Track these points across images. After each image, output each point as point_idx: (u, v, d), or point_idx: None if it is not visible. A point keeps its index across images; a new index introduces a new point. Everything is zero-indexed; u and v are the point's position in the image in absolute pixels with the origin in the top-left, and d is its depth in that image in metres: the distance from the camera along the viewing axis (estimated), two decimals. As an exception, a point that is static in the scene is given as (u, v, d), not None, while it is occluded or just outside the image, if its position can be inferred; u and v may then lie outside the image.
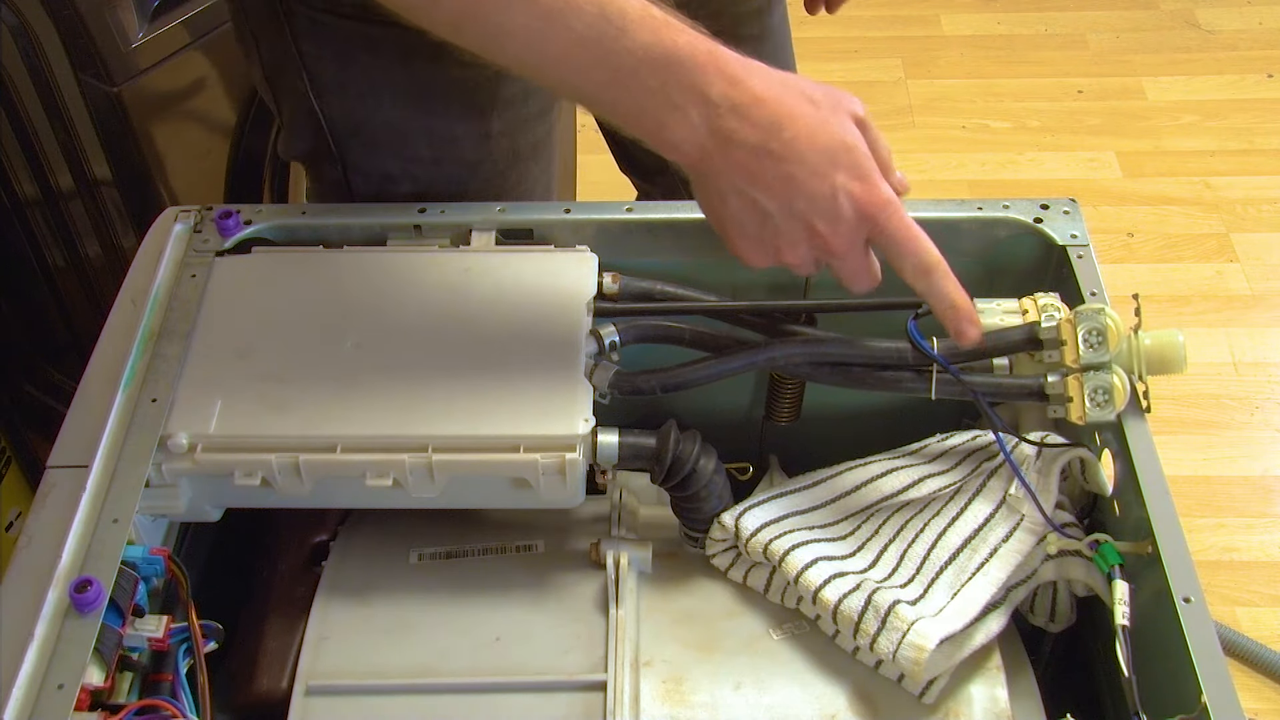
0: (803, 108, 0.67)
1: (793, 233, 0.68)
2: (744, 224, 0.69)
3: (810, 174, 0.67)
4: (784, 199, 0.67)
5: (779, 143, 0.66)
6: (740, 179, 0.67)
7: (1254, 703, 1.44)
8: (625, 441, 0.75)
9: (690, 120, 0.66)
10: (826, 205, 0.67)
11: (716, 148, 0.67)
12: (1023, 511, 0.73)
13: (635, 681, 0.73)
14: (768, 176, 0.67)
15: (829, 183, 0.67)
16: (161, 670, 0.70)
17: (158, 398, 0.75)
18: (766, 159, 0.66)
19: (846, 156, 0.67)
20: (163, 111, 1.28)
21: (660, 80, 0.66)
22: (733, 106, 0.66)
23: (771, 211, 0.68)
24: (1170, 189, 2.11)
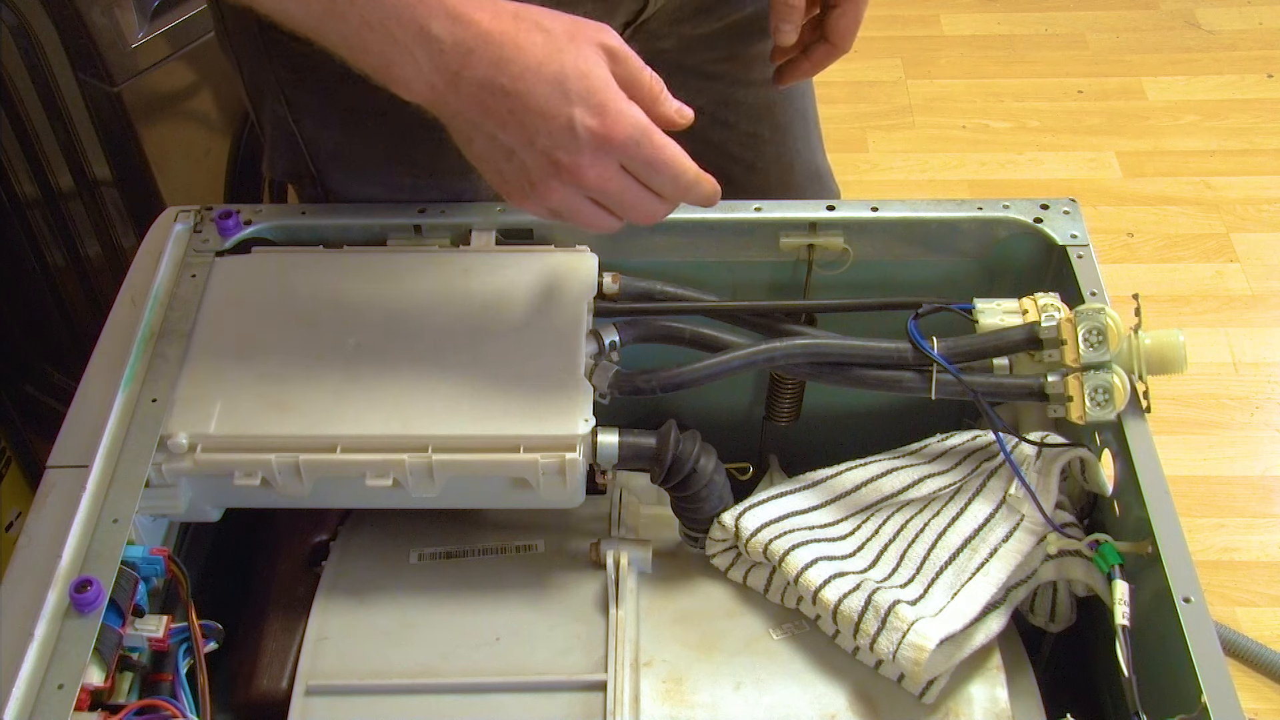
0: (532, 38, 0.65)
1: (540, 169, 0.66)
2: (494, 163, 0.68)
3: (543, 107, 0.65)
4: (523, 135, 0.65)
5: (507, 77, 0.64)
6: (476, 116, 0.66)
7: (1254, 703, 1.44)
8: (625, 441, 0.75)
9: (415, 58, 0.64)
10: (565, 138, 0.65)
11: (447, 86, 0.65)
12: (1023, 511, 0.73)
13: (635, 681, 0.73)
14: (501, 112, 0.65)
15: (564, 115, 0.65)
16: (161, 670, 0.70)
17: (158, 398, 0.75)
18: (498, 95, 0.64)
19: (579, 84, 0.65)
20: (163, 111, 1.28)
21: (380, 15, 0.64)
22: (457, 42, 0.64)
23: (514, 148, 0.66)
24: (1170, 189, 2.11)
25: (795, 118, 1.06)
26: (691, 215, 0.87)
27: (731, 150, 1.04)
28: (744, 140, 1.04)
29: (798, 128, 1.07)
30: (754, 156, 1.05)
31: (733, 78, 1.00)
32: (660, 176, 0.68)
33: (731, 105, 1.02)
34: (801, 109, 1.07)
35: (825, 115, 1.13)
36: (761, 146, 1.05)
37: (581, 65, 0.66)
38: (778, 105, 1.04)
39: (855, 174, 2.12)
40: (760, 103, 1.03)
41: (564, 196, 0.68)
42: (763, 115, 1.03)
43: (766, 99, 1.03)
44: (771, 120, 1.04)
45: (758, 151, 1.05)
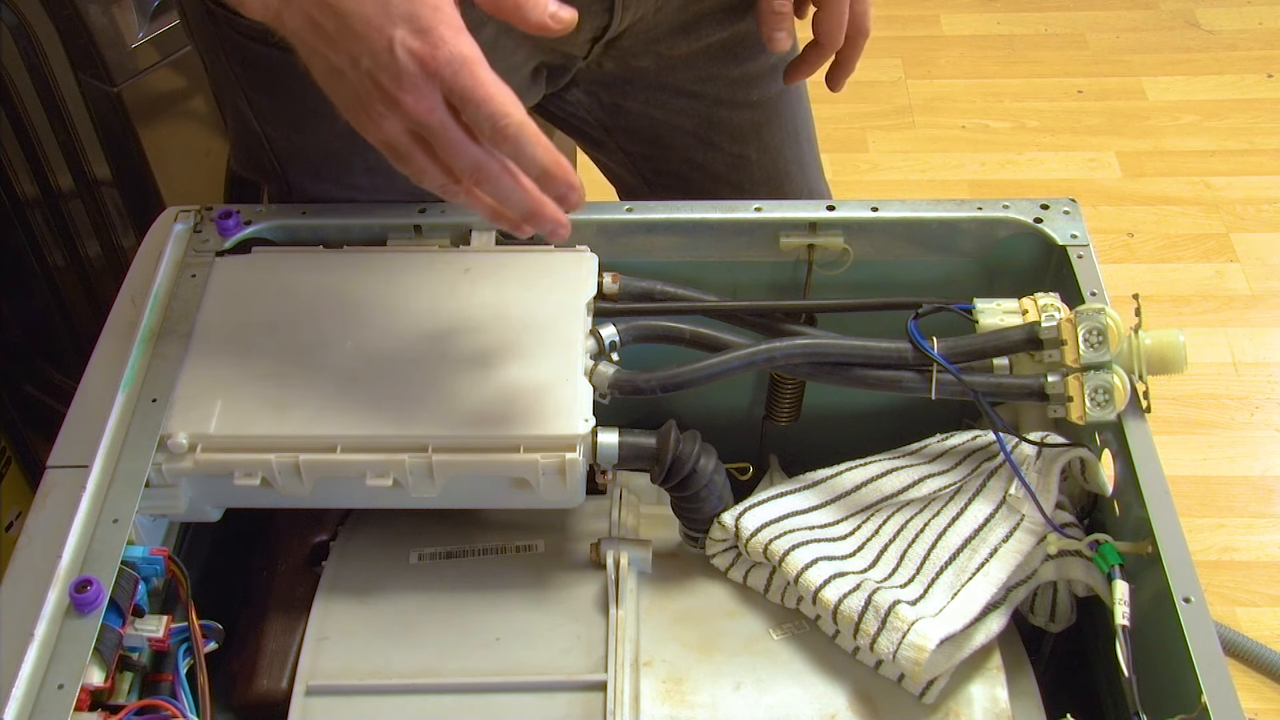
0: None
1: (366, 91, 0.64)
2: (331, 86, 0.66)
3: (365, 25, 0.63)
4: (348, 54, 0.64)
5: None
6: (308, 35, 0.65)
7: (1254, 703, 1.44)
8: (625, 441, 0.75)
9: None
10: (386, 59, 0.63)
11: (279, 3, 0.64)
12: (1023, 511, 0.73)
13: (635, 681, 0.73)
14: (329, 29, 0.64)
15: (386, 35, 0.63)
16: (161, 670, 0.70)
17: (158, 398, 0.75)
18: (325, 11, 0.63)
19: (404, 7, 0.63)
20: (163, 111, 1.28)
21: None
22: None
23: (342, 68, 0.64)
24: (1170, 189, 2.11)
25: (785, 140, 1.04)
26: (691, 215, 0.87)
27: (718, 171, 1.03)
28: (730, 162, 1.03)
29: (789, 150, 1.05)
30: (741, 178, 1.04)
31: (715, 98, 0.99)
32: (478, 112, 0.64)
33: (715, 126, 1.01)
34: (792, 131, 1.05)
35: (825, 115, 1.13)
36: (749, 168, 1.03)
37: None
38: (765, 127, 1.02)
39: (855, 174, 2.12)
40: (746, 124, 1.01)
41: (391, 126, 0.65)
42: (749, 137, 1.02)
43: (753, 120, 1.01)
44: (759, 142, 1.02)
45: (745, 173, 1.04)
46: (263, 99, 0.88)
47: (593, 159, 1.12)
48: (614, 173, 1.11)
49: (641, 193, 1.08)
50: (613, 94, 0.99)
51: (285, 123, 0.89)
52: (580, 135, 1.07)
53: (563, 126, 1.07)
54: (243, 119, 0.90)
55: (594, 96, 1.00)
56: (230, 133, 0.94)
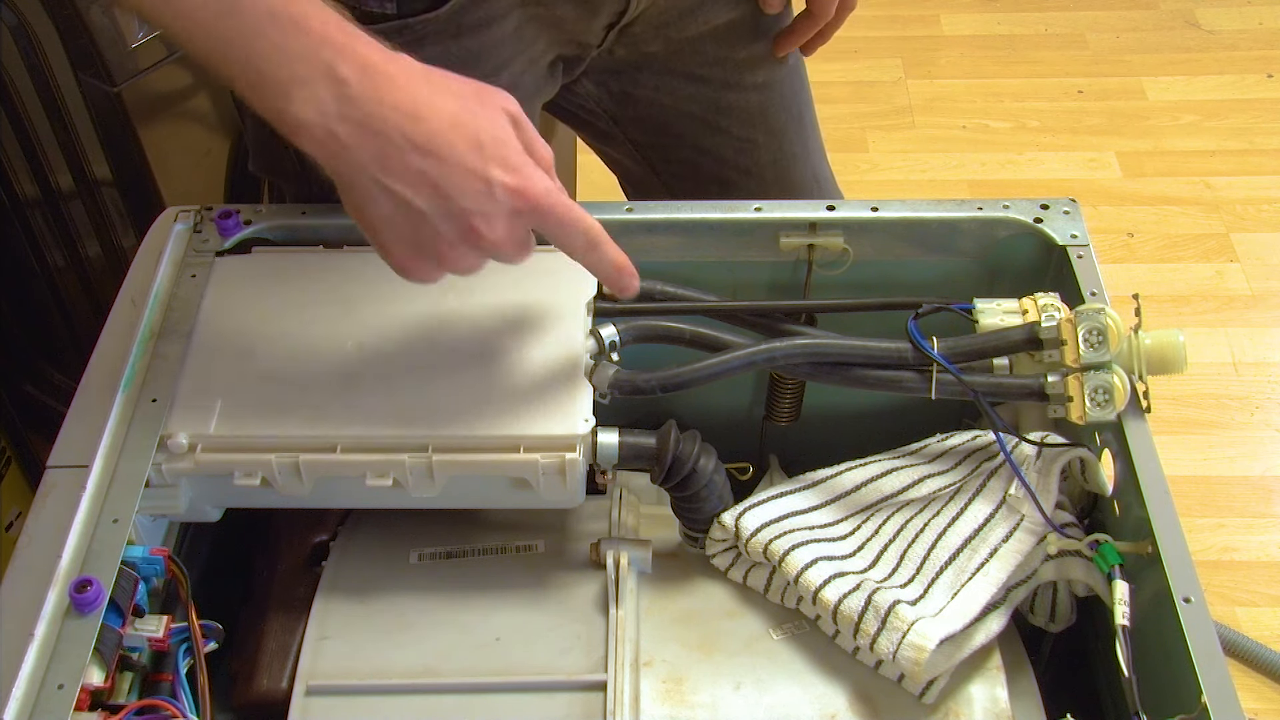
0: (445, 100, 0.63)
1: (450, 233, 0.64)
2: (397, 227, 0.64)
3: (460, 168, 0.62)
4: (436, 196, 0.63)
5: (423, 135, 0.62)
6: (381, 173, 0.62)
7: (1254, 703, 1.44)
8: (625, 441, 0.75)
9: (318, 97, 0.61)
10: (485, 203, 0.63)
11: (350, 134, 0.61)
12: (1023, 511, 0.73)
13: (635, 681, 0.73)
14: (413, 171, 0.62)
15: (483, 177, 0.63)
16: (161, 670, 0.70)
17: (158, 398, 0.75)
18: (411, 152, 0.62)
19: (496, 149, 0.63)
20: (163, 111, 1.28)
21: (284, 46, 0.60)
22: (366, 89, 0.61)
23: (425, 211, 0.63)
24: (1170, 189, 2.10)
25: (790, 123, 1.06)
26: (691, 215, 0.87)
27: (725, 156, 1.04)
28: (738, 146, 1.04)
29: (793, 133, 1.07)
30: (749, 162, 1.05)
31: (722, 81, 1.00)
32: (570, 231, 0.67)
33: (723, 110, 1.02)
34: (796, 114, 1.06)
35: (825, 115, 1.13)
36: (756, 152, 1.05)
37: (496, 130, 0.64)
38: (770, 110, 1.04)
39: (855, 174, 2.12)
40: (752, 107, 1.02)
41: (468, 262, 0.66)
42: (756, 120, 1.03)
43: (759, 103, 1.03)
44: (765, 125, 1.04)
45: (753, 157, 1.05)
46: None
47: (597, 150, 1.13)
48: (619, 163, 1.11)
49: (648, 181, 1.09)
50: (622, 83, 1.00)
51: None
52: (587, 128, 1.07)
53: (569, 120, 1.07)
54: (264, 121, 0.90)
55: (603, 87, 1.01)
56: (249, 135, 0.94)
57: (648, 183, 1.09)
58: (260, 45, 0.61)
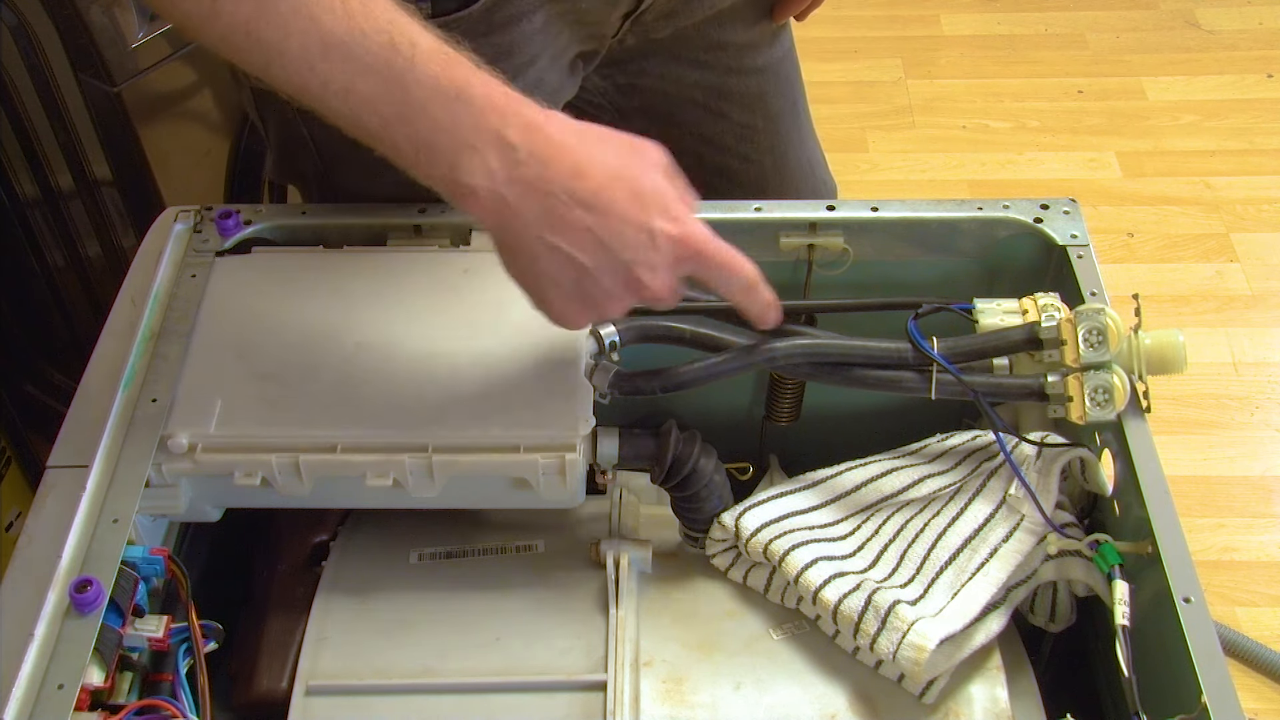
0: (605, 154, 0.64)
1: (613, 285, 0.65)
2: (560, 282, 0.65)
3: (624, 220, 0.63)
4: (600, 250, 0.64)
5: (587, 191, 0.63)
6: (548, 231, 0.63)
7: (1254, 703, 1.44)
8: (625, 441, 0.75)
9: (487, 163, 0.62)
10: (647, 253, 0.64)
11: (517, 196, 0.63)
12: (1023, 511, 0.73)
13: (635, 681, 0.73)
14: (578, 227, 0.63)
15: (645, 228, 0.64)
16: (161, 670, 0.70)
17: (158, 398, 0.75)
18: (575, 207, 0.62)
19: (656, 199, 0.64)
20: (163, 111, 1.28)
21: (452, 117, 0.62)
22: (533, 151, 0.62)
23: (589, 265, 0.64)
24: (1170, 189, 2.10)
25: (786, 107, 1.07)
26: (691, 215, 0.87)
27: (727, 143, 1.05)
28: (739, 132, 1.05)
29: (789, 116, 1.08)
30: (749, 148, 1.06)
31: (725, 66, 1.01)
32: (732, 278, 0.68)
33: (725, 95, 1.03)
34: (792, 98, 1.08)
35: (825, 115, 1.13)
36: (756, 137, 1.06)
37: (651, 179, 0.65)
38: (769, 94, 1.05)
39: (855, 174, 2.12)
40: (752, 91, 1.04)
41: (623, 305, 0.67)
42: (755, 105, 1.04)
43: (758, 87, 1.04)
44: (764, 109, 1.05)
45: (752, 143, 1.06)
46: None
47: None
48: None
49: None
50: (629, 74, 1.01)
51: None
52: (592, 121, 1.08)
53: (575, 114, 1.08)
54: (288, 124, 0.90)
55: (609, 79, 1.01)
56: (271, 140, 0.94)
57: None
58: (426, 119, 0.62)
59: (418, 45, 0.62)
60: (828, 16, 1.06)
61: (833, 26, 2.32)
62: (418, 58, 0.62)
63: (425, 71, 0.62)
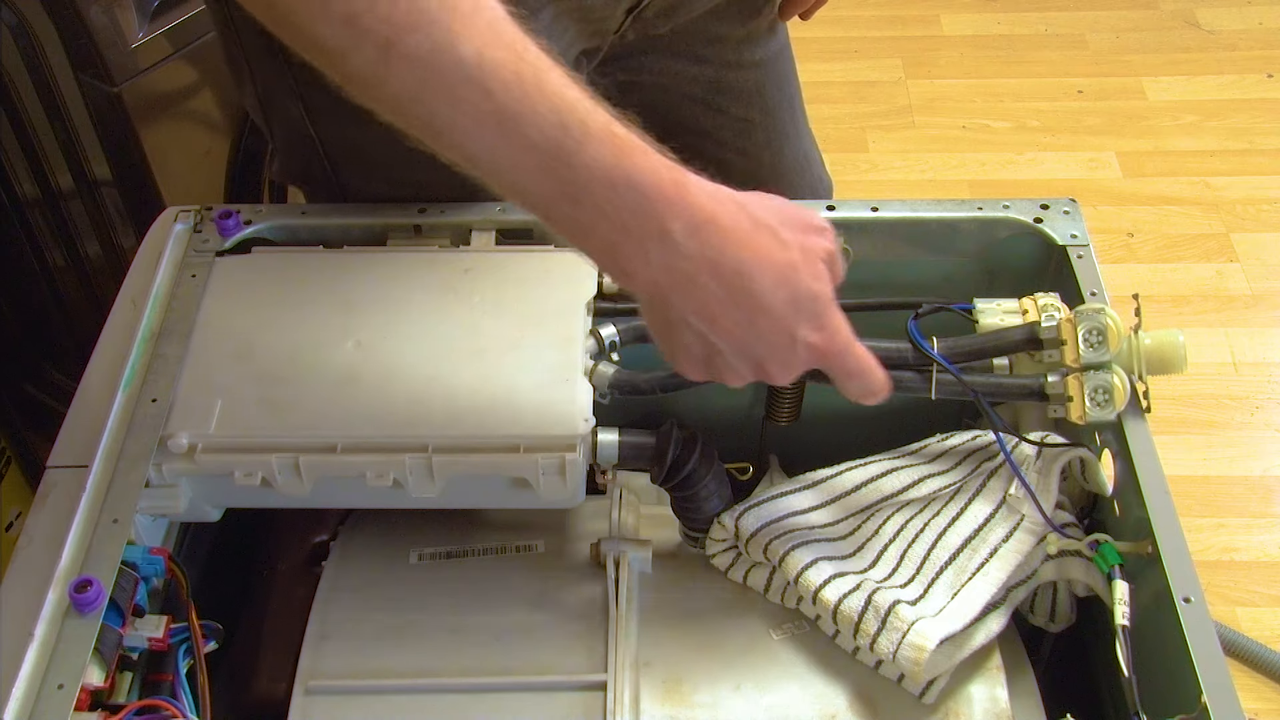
0: (773, 252, 0.63)
1: (741, 369, 0.66)
2: (692, 352, 0.65)
3: (772, 324, 0.63)
4: (740, 344, 0.64)
5: (744, 294, 0.62)
6: (695, 317, 0.63)
7: (1254, 703, 1.44)
8: (625, 441, 0.75)
9: (646, 253, 0.61)
10: (785, 355, 0.65)
11: (672, 286, 0.62)
12: (1023, 511, 0.73)
13: (635, 681, 0.73)
14: (727, 322, 0.63)
15: (789, 334, 0.64)
16: (161, 670, 0.70)
17: (158, 398, 0.75)
18: (729, 306, 0.62)
19: (811, 306, 0.64)
20: (163, 111, 1.28)
21: (616, 205, 0.61)
22: (697, 247, 0.61)
23: (723, 350, 0.65)
24: (1170, 189, 2.10)
25: (783, 101, 1.07)
26: (691, 215, 0.86)
27: (725, 138, 1.06)
28: (736, 127, 1.05)
29: (785, 111, 1.08)
30: (746, 143, 1.07)
31: (722, 60, 1.01)
32: (854, 384, 0.68)
33: (723, 90, 1.03)
34: (788, 94, 1.08)
35: (825, 115, 1.14)
36: (753, 132, 1.06)
37: (815, 286, 0.64)
38: (766, 88, 1.05)
39: (855, 174, 2.12)
40: (750, 86, 1.04)
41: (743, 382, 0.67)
42: (753, 99, 1.05)
43: (755, 82, 1.04)
44: (761, 104, 1.05)
45: (750, 138, 1.06)
46: (324, 101, 0.87)
47: None
48: None
49: None
50: (627, 70, 1.01)
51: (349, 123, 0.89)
52: None
53: None
54: (294, 125, 0.90)
55: (609, 77, 1.02)
56: (276, 141, 0.94)
57: None
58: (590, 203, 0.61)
59: (588, 126, 0.61)
60: (828, 16, 1.06)
61: (833, 26, 2.32)
62: (588, 140, 0.60)
63: (594, 155, 0.60)
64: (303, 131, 0.90)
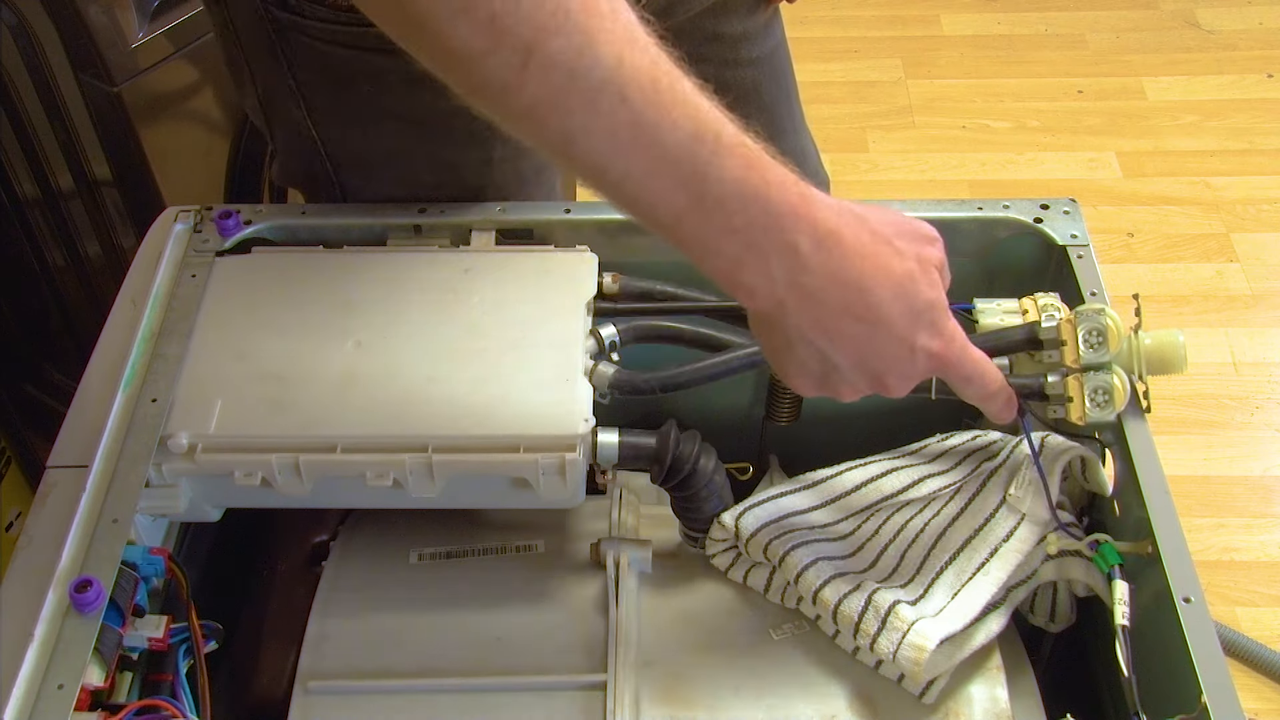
0: (891, 263, 0.63)
1: (859, 383, 0.66)
2: (808, 369, 0.65)
3: (891, 336, 0.63)
4: (859, 359, 0.64)
5: (864, 306, 0.62)
6: (814, 333, 0.63)
7: (1254, 703, 1.44)
8: (625, 441, 0.75)
9: (770, 268, 0.61)
10: (904, 366, 0.65)
11: (795, 301, 0.62)
12: (1023, 511, 0.73)
13: (635, 681, 0.73)
14: (846, 336, 0.63)
15: (909, 344, 0.64)
16: (161, 670, 0.70)
17: (158, 398, 0.75)
18: (849, 320, 0.62)
19: (929, 314, 0.64)
20: (163, 111, 1.28)
21: (746, 219, 0.60)
22: (819, 262, 0.61)
23: (840, 366, 0.64)
24: (1170, 189, 2.11)
25: (779, 97, 1.07)
26: (691, 215, 0.86)
27: None
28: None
29: (782, 107, 1.08)
30: None
31: (720, 59, 1.01)
32: (973, 388, 0.68)
33: (720, 88, 1.02)
34: (785, 89, 1.08)
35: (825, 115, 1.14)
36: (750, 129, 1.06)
37: (930, 292, 0.64)
38: (763, 85, 1.05)
39: (855, 174, 2.12)
40: (747, 83, 1.04)
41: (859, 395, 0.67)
42: (750, 96, 1.05)
43: (752, 79, 1.04)
44: (758, 101, 1.05)
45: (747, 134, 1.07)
46: (326, 103, 0.88)
47: None
48: None
49: None
50: None
51: (351, 125, 0.89)
52: None
53: None
54: (296, 127, 0.90)
55: None
56: (277, 144, 0.94)
57: None
58: (720, 216, 0.60)
59: (721, 138, 0.60)
60: (828, 16, 1.07)
61: (833, 26, 2.32)
62: (720, 152, 0.60)
63: (726, 169, 0.59)
64: (304, 134, 0.90)
